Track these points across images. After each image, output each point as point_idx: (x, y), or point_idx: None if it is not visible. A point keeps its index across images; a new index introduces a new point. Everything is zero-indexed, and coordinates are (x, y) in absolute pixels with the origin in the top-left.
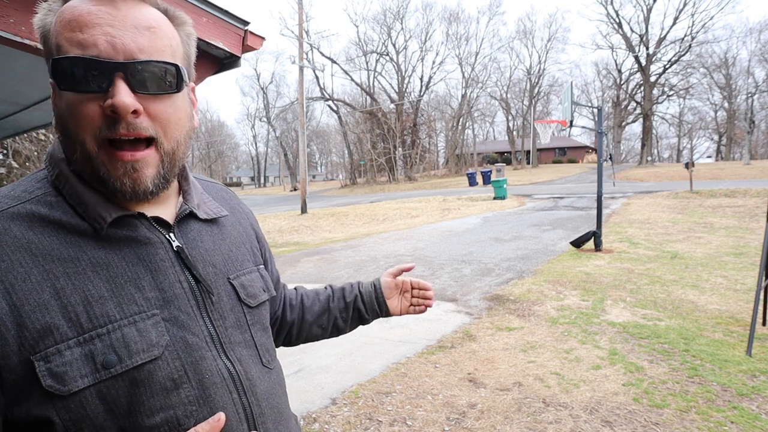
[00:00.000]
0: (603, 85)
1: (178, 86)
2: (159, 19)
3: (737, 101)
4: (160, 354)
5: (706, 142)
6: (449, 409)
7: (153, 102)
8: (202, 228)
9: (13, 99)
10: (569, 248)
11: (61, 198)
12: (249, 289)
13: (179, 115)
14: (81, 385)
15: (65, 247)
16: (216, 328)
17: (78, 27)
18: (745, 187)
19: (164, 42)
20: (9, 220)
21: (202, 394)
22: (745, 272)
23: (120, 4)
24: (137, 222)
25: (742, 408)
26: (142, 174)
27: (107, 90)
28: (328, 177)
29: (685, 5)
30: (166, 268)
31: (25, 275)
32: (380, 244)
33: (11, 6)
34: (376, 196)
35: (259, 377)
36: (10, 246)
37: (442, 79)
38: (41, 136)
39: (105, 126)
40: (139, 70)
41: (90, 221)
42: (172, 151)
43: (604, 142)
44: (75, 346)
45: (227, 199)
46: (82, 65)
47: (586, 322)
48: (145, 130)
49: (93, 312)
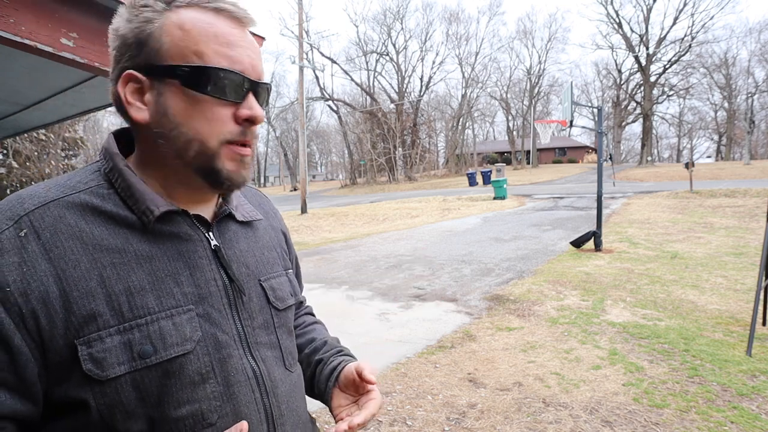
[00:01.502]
0: (603, 85)
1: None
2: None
3: (737, 101)
4: (192, 348)
5: (706, 142)
6: (449, 409)
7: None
8: (238, 229)
9: (13, 99)
10: (569, 248)
11: (113, 190)
12: (278, 292)
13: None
14: (118, 372)
15: (113, 237)
16: (244, 327)
17: (227, 44)
18: (745, 187)
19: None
20: (64, 208)
21: (227, 391)
22: (745, 272)
23: (247, 30)
24: (180, 219)
25: (742, 408)
26: (248, 168)
27: (241, 101)
28: (328, 177)
29: (685, 5)
30: (203, 266)
31: (75, 262)
32: (380, 244)
33: (11, 6)
34: (376, 196)
35: (282, 379)
36: (64, 233)
37: (442, 79)
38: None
39: (236, 131)
40: (262, 90)
41: (138, 214)
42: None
43: (604, 142)
44: (115, 334)
45: (262, 203)
46: (231, 78)
47: (586, 322)
48: (253, 140)
49: (134, 302)
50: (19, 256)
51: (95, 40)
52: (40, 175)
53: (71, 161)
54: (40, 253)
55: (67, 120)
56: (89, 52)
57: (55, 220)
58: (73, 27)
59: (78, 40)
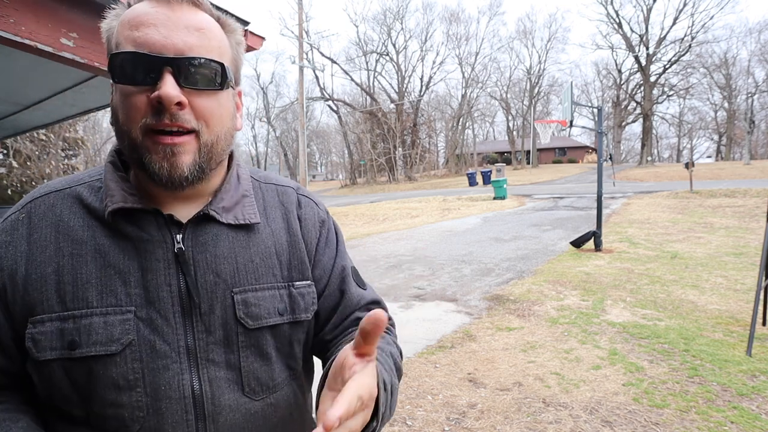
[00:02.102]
0: (603, 85)
1: (223, 84)
2: (210, 23)
3: (737, 101)
4: (117, 351)
5: (706, 142)
6: (449, 409)
7: (198, 97)
8: (221, 233)
9: (13, 99)
10: (569, 248)
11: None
12: (252, 308)
13: (222, 111)
14: (49, 356)
15: (83, 230)
16: (196, 340)
17: (135, 26)
18: (745, 187)
19: (213, 43)
20: (60, 199)
21: (153, 405)
22: (745, 272)
23: (176, 6)
24: (150, 218)
25: (742, 408)
26: (180, 159)
27: (155, 83)
28: (328, 177)
29: (685, 5)
30: (157, 269)
31: (44, 248)
32: (380, 244)
33: (11, 6)
34: (376, 196)
35: (232, 406)
36: (47, 220)
37: (442, 79)
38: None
39: (150, 116)
40: (186, 66)
41: (104, 208)
42: (211, 143)
43: (604, 142)
44: (56, 320)
45: (285, 204)
46: (135, 60)
47: (586, 322)
48: (187, 122)
49: (77, 294)
50: (10, 236)
51: (95, 40)
52: (40, 175)
53: (71, 161)
54: (25, 236)
55: (67, 120)
56: (89, 52)
57: (47, 209)
58: (73, 27)
59: (78, 40)
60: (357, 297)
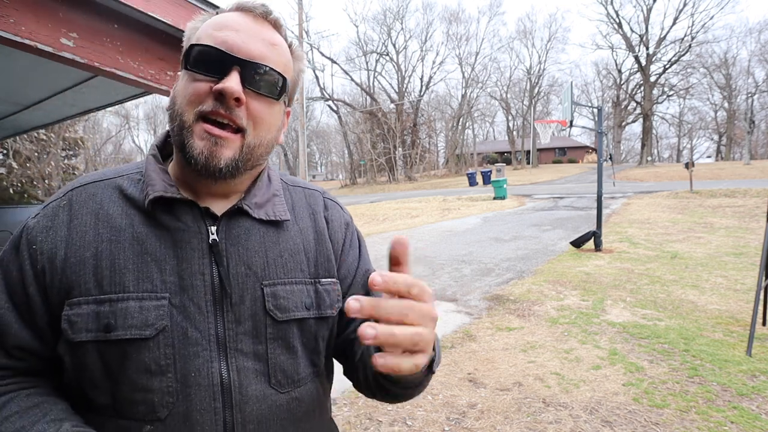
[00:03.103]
0: (603, 85)
1: (280, 95)
2: (283, 44)
3: (737, 101)
4: (151, 335)
5: (706, 142)
6: (449, 409)
7: (255, 100)
8: (253, 227)
9: (13, 99)
10: (569, 248)
11: (142, 178)
12: (281, 301)
13: (271, 120)
14: (84, 338)
15: (122, 218)
16: (226, 330)
17: (219, 27)
18: (745, 187)
19: (281, 59)
20: (101, 188)
21: (183, 391)
22: (745, 272)
23: (259, 21)
24: (186, 209)
25: (742, 408)
26: (221, 151)
27: (222, 77)
28: (328, 177)
29: (685, 5)
30: (192, 258)
31: (83, 233)
32: (380, 244)
33: (11, 6)
34: (376, 196)
35: (258, 397)
36: (88, 208)
37: (442, 79)
38: (41, 136)
39: (209, 103)
40: (253, 70)
41: (144, 197)
42: (253, 146)
43: (604, 142)
44: (92, 303)
45: (311, 204)
46: (210, 52)
47: (586, 322)
48: (239, 119)
49: (114, 279)
50: (51, 221)
51: (95, 40)
52: (40, 175)
53: (71, 161)
54: (65, 222)
55: (67, 120)
56: (89, 52)
57: (88, 197)
58: (73, 27)
59: (78, 40)
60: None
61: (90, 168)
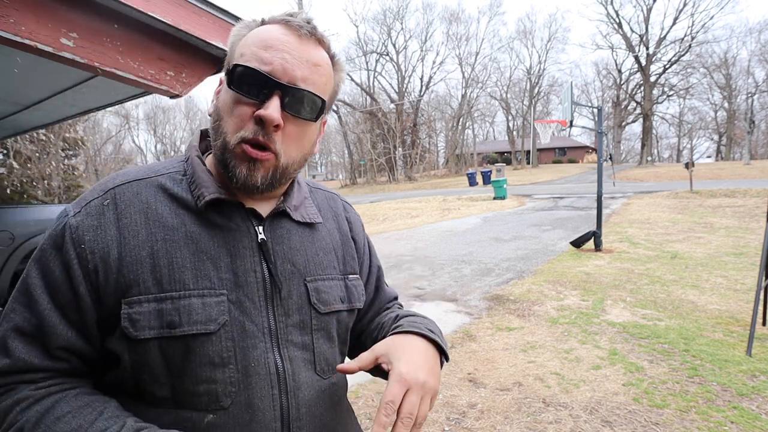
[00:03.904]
0: (603, 85)
1: (318, 117)
2: (326, 60)
3: (737, 101)
4: (215, 330)
5: (706, 142)
6: (449, 409)
7: (292, 123)
8: (293, 228)
9: (13, 99)
10: (569, 248)
11: (185, 177)
12: (322, 295)
13: (305, 141)
14: (148, 335)
15: (172, 216)
16: (277, 322)
17: (264, 46)
18: (745, 187)
19: (322, 80)
20: (144, 187)
21: (244, 380)
22: (745, 272)
23: (304, 39)
24: (234, 210)
25: (742, 408)
26: (257, 172)
27: (264, 101)
28: (328, 177)
29: (685, 5)
30: (245, 255)
31: (136, 233)
32: (380, 244)
33: (11, 6)
34: (376, 196)
35: (308, 383)
36: (135, 207)
37: (442, 79)
38: (41, 136)
39: (250, 129)
40: (294, 94)
41: (195, 198)
42: (285, 166)
43: (604, 142)
44: (153, 301)
45: (333, 206)
46: (254, 76)
47: (586, 322)
48: (273, 144)
49: (174, 276)
50: (98, 220)
51: (95, 40)
52: (40, 175)
53: (71, 161)
54: (113, 221)
55: (67, 120)
56: (89, 52)
57: (132, 195)
58: (73, 27)
59: (78, 40)
60: (388, 294)
61: (90, 168)
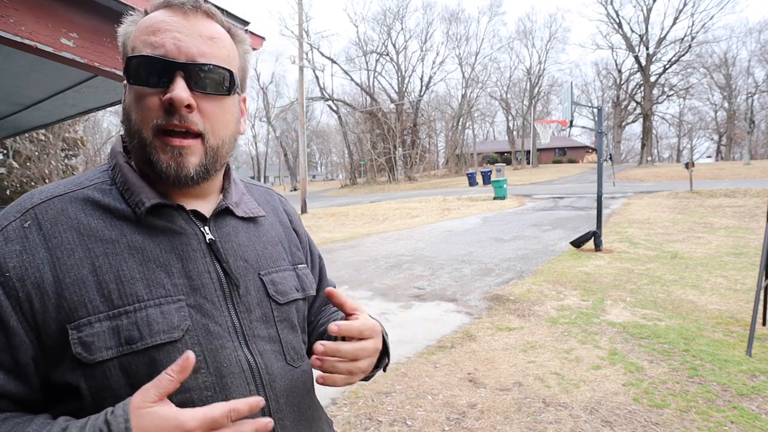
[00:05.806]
0: (603, 85)
1: (230, 90)
2: (221, 32)
3: (737, 101)
4: (179, 337)
5: (706, 142)
6: (449, 409)
7: (206, 101)
8: (238, 224)
9: (13, 99)
10: (569, 248)
11: (115, 186)
12: (279, 286)
13: (227, 116)
14: (105, 356)
15: (109, 229)
16: (241, 320)
17: (151, 31)
18: (745, 187)
19: (223, 52)
20: (68, 203)
21: (219, 382)
22: (745, 272)
23: (191, 16)
24: (176, 213)
25: (742, 408)
26: (187, 160)
27: (168, 86)
28: (328, 177)
29: (685, 5)
30: (196, 258)
31: (70, 251)
32: (380, 244)
33: (11, 6)
34: (376, 196)
35: (281, 373)
36: (64, 225)
37: (442, 79)
38: (41, 136)
39: (161, 116)
40: (197, 71)
41: (132, 206)
42: (216, 147)
43: (604, 142)
44: (105, 319)
45: (270, 201)
46: (150, 63)
47: (586, 322)
48: (194, 125)
49: (124, 290)
50: (21, 244)
51: (95, 40)
52: (40, 175)
53: (71, 161)
54: (40, 243)
55: (67, 120)
56: (89, 52)
57: (57, 213)
58: (73, 27)
59: (78, 40)
60: (330, 284)
61: (90, 168)
